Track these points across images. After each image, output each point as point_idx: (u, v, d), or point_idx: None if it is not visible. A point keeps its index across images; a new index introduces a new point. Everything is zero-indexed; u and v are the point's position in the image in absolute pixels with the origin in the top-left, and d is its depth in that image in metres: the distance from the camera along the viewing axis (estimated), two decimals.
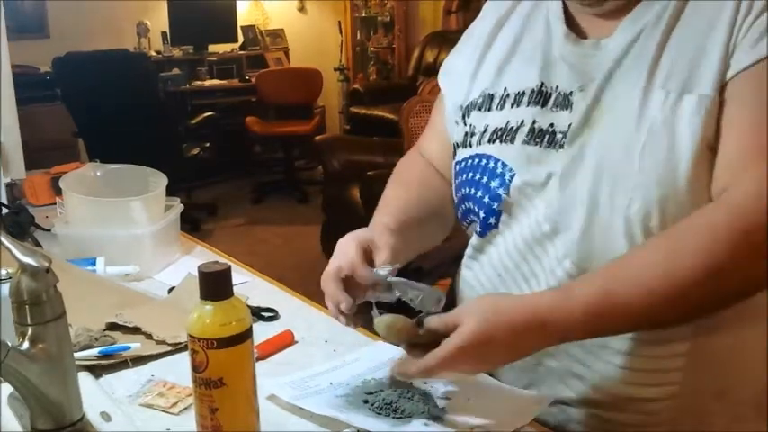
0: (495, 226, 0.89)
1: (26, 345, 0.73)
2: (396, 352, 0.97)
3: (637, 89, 0.80)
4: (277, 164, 5.41)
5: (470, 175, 0.91)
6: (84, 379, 0.89)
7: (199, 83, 5.44)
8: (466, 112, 0.95)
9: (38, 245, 1.40)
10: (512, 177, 0.86)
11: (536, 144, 0.86)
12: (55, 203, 1.47)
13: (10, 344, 0.72)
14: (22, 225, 1.47)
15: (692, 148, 0.76)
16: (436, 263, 2.31)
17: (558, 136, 0.85)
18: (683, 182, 0.77)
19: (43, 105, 4.35)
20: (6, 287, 0.76)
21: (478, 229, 0.92)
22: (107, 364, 0.95)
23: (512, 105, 0.89)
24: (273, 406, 0.85)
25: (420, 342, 0.78)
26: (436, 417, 0.81)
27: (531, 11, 0.94)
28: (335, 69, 5.93)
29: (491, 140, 0.90)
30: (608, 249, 0.80)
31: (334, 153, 3.52)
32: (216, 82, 5.50)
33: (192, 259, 1.36)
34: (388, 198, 1.00)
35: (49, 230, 1.40)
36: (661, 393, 0.84)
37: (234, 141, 5.27)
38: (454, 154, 0.97)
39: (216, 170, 5.13)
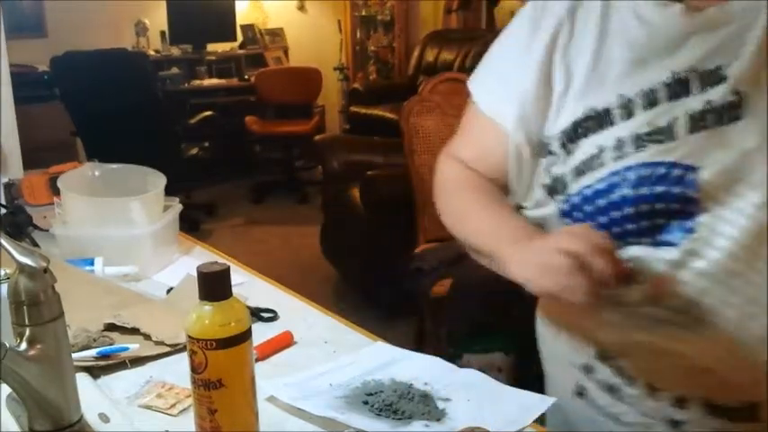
0: (693, 231, 0.79)
1: (24, 345, 0.73)
2: (395, 353, 0.97)
3: None
4: (276, 164, 5.41)
5: (634, 190, 0.79)
6: (83, 380, 0.89)
7: (198, 82, 5.44)
8: (568, 138, 0.84)
9: (36, 245, 1.40)
10: (697, 172, 0.77)
11: (706, 128, 0.77)
12: (53, 203, 1.46)
13: (8, 344, 0.72)
14: (19, 225, 1.46)
15: None
16: (436, 263, 2.31)
17: (727, 110, 0.77)
18: None
19: (41, 105, 4.34)
20: (4, 288, 0.75)
21: (676, 239, 0.80)
22: (105, 365, 0.95)
23: (645, 107, 0.80)
24: (273, 407, 0.85)
25: None
26: (436, 418, 0.81)
27: (605, 11, 0.84)
28: (335, 69, 5.93)
29: (640, 147, 0.79)
30: None
31: (334, 153, 3.52)
32: (215, 81, 5.49)
33: (191, 259, 1.36)
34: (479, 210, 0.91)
35: (47, 230, 1.40)
36: None
37: (233, 141, 5.27)
38: (563, 185, 0.86)
39: (215, 170, 5.13)
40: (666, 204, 0.79)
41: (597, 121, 0.82)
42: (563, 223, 0.87)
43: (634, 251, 0.82)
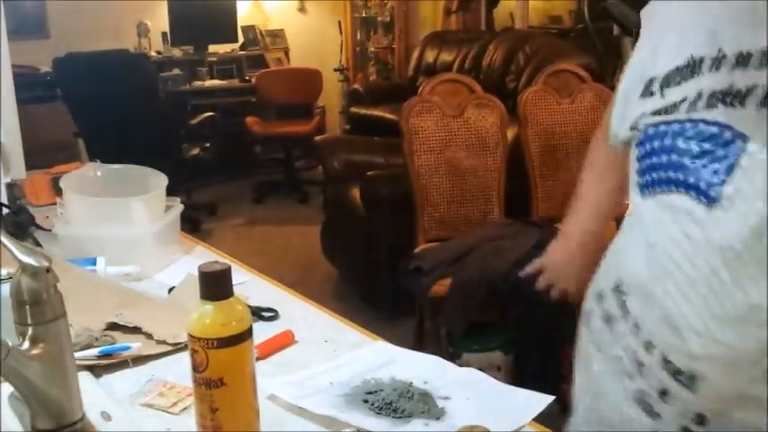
0: (717, 201, 0.81)
1: (26, 345, 0.74)
2: (395, 352, 0.98)
3: None
4: (277, 164, 5.41)
5: (682, 142, 0.83)
6: (85, 379, 0.89)
7: (199, 83, 5.44)
8: (664, 83, 0.87)
9: (38, 245, 1.40)
10: (746, 143, 0.78)
11: None
12: (55, 203, 1.47)
13: (10, 344, 0.72)
14: (22, 225, 1.47)
15: None
16: (435, 263, 2.32)
17: None
18: None
19: (43, 105, 4.35)
20: (7, 287, 0.76)
21: (702, 201, 0.82)
22: (107, 364, 0.95)
23: (733, 67, 0.80)
24: (274, 406, 0.86)
25: None
26: (436, 416, 0.82)
27: None
28: (335, 69, 5.93)
29: (710, 105, 0.81)
30: None
31: (335, 153, 3.52)
32: (216, 82, 5.50)
33: (193, 259, 1.36)
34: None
35: (50, 230, 1.41)
36: None
37: (234, 141, 5.27)
38: (641, 123, 0.90)
39: (216, 170, 5.12)
40: (704, 167, 0.81)
41: (691, 68, 0.84)
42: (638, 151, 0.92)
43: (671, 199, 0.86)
